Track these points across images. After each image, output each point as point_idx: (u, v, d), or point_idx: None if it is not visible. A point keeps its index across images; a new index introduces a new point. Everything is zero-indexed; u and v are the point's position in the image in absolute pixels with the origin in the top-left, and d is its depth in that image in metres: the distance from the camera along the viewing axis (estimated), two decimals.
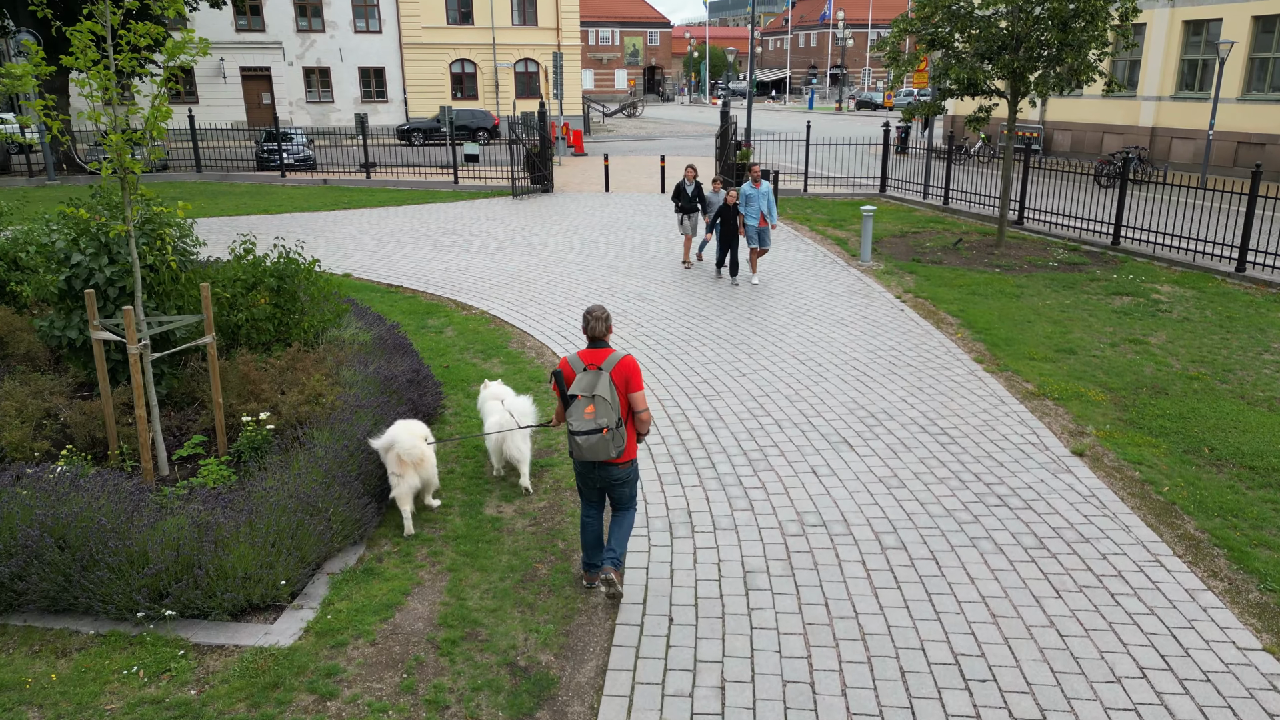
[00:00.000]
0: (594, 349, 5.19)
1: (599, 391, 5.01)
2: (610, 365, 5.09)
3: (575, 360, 5.17)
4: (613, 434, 5.02)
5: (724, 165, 22.65)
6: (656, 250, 15.96)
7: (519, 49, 44.93)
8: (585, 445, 5.02)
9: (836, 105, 75.46)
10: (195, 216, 20.12)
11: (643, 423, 5.23)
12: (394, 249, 16.10)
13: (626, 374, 5.12)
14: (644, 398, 5.22)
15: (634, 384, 5.15)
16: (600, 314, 5.20)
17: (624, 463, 5.22)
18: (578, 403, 5.04)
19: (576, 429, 5.02)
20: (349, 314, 10.08)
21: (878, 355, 10.07)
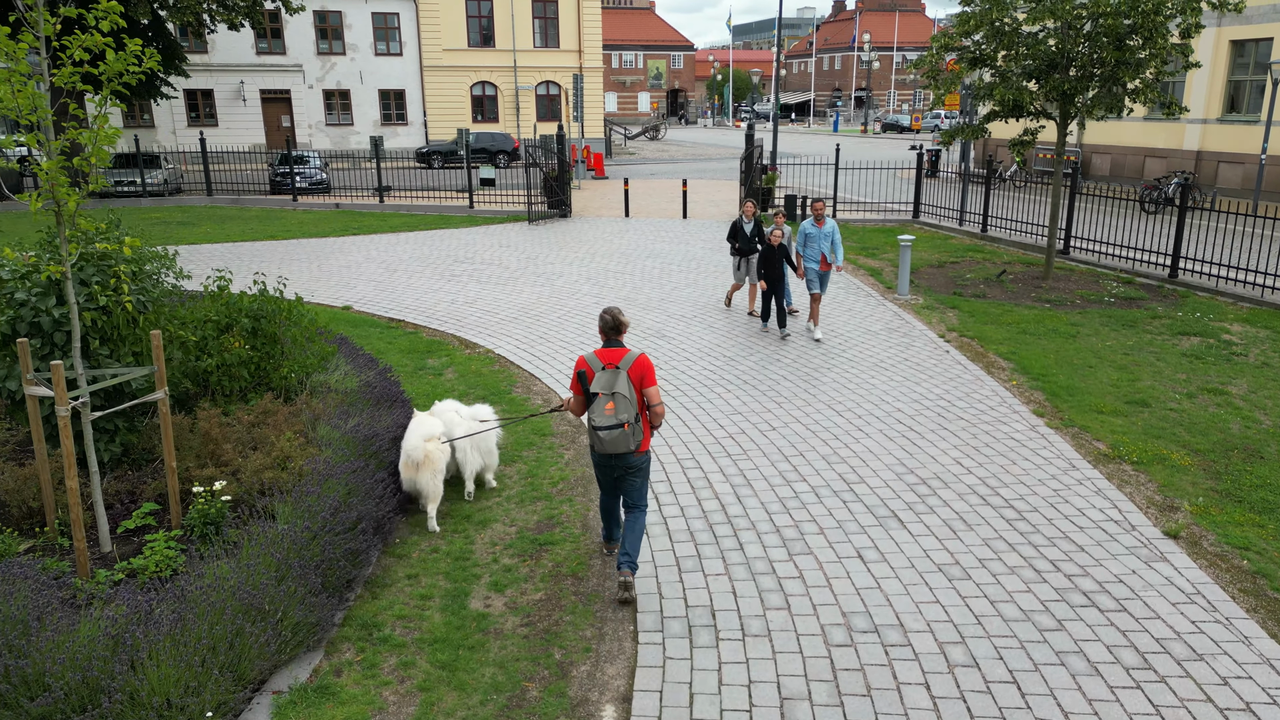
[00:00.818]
0: (610, 348, 5.52)
1: (618, 389, 5.37)
2: (627, 364, 5.43)
3: (594, 360, 5.49)
4: (632, 428, 5.39)
5: (749, 189, 21.69)
6: (677, 281, 14.98)
7: (540, 71, 44.41)
8: (607, 439, 5.39)
9: (862, 128, 74.54)
10: (199, 242, 19.67)
11: (657, 416, 5.54)
12: (400, 278, 15.24)
13: (642, 372, 5.45)
14: (658, 393, 5.54)
15: (649, 380, 5.48)
16: (617, 315, 5.51)
17: (641, 453, 5.57)
18: (599, 400, 5.39)
19: (599, 424, 5.38)
20: (337, 356, 9.16)
21: (924, 405, 8.99)
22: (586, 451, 7.86)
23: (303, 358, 8.30)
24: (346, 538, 5.58)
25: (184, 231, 20.17)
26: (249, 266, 16.22)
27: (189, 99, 40.43)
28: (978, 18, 13.57)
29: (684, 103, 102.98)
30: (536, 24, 43.87)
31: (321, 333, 9.09)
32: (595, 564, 5.98)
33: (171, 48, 28.95)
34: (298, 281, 14.94)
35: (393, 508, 6.38)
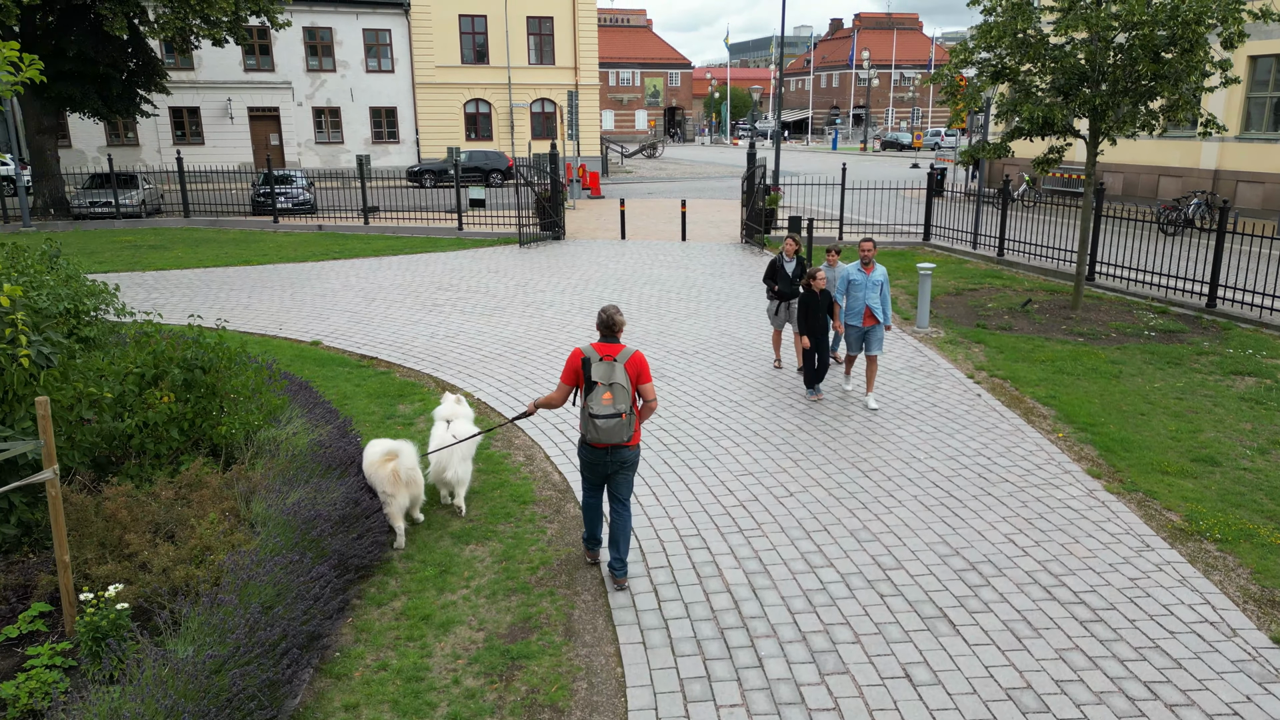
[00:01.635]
0: (608, 343, 5.69)
1: (616, 380, 5.51)
2: (624, 358, 5.61)
3: (591, 351, 5.64)
4: (628, 418, 5.52)
5: (751, 211, 20.65)
6: (676, 311, 13.88)
7: (535, 89, 43.53)
8: (604, 428, 5.51)
9: (861, 146, 73.83)
10: (168, 268, 18.50)
11: (649, 409, 5.71)
12: (378, 309, 14.12)
13: (638, 367, 5.65)
14: (653, 388, 5.73)
15: (645, 376, 5.67)
16: (613, 314, 5.72)
17: (633, 445, 5.71)
18: (597, 389, 5.51)
19: (596, 413, 5.50)
20: (291, 406, 8.03)
21: (961, 463, 7.87)
22: (572, 526, 6.72)
23: (245, 414, 7.16)
24: (266, 663, 4.43)
25: (154, 256, 19.07)
26: (216, 295, 15.11)
27: (174, 116, 39.47)
28: (1000, 28, 12.55)
29: (681, 120, 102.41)
30: (531, 40, 43.03)
31: (276, 378, 7.98)
32: (580, 688, 4.83)
33: (151, 64, 27.98)
34: (267, 312, 13.82)
35: (334, 609, 5.24)
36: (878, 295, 9.23)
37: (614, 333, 5.69)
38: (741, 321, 13.18)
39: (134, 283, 16.22)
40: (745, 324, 13.04)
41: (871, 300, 9.21)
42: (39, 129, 26.43)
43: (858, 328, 9.35)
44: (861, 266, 9.27)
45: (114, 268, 17.66)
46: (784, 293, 10.47)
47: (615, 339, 5.70)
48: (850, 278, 9.31)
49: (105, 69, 25.94)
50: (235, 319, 13.37)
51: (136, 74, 28.00)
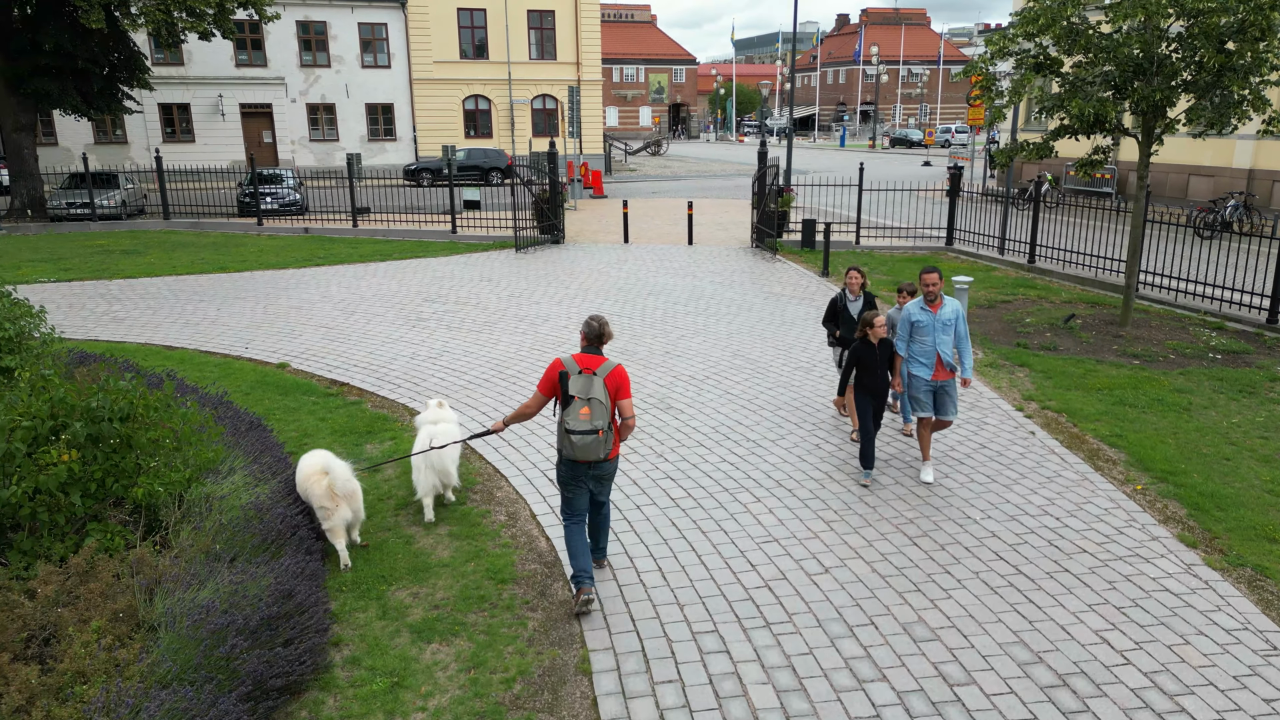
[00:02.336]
0: (589, 354, 5.42)
1: (594, 395, 5.28)
2: (604, 372, 5.35)
3: (571, 363, 5.36)
4: (605, 435, 5.31)
5: (762, 214, 19.39)
6: (684, 327, 12.63)
7: (536, 84, 42.26)
8: (580, 444, 5.27)
9: (870, 142, 72.44)
10: (137, 275, 17.08)
11: (628, 428, 5.51)
12: (356, 324, 12.89)
13: (618, 383, 5.40)
14: (632, 405, 5.51)
15: (624, 392, 5.42)
16: (604, 324, 5.46)
17: (612, 459, 5.50)
18: (574, 404, 5.28)
19: (573, 428, 5.26)
20: (231, 454, 6.81)
21: (1025, 524, 6.62)
22: (559, 617, 5.48)
23: (168, 472, 5.93)
24: None
25: (125, 262, 17.85)
26: (183, 308, 13.89)
27: (164, 114, 38.30)
28: (1048, 15, 11.26)
29: (686, 117, 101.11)
30: (532, 35, 41.76)
31: (211, 426, 6.75)
32: None
33: (133, 58, 26.76)
34: (235, 328, 12.60)
35: None
36: (950, 338, 7.25)
37: (600, 345, 5.48)
38: (756, 340, 11.94)
39: (97, 293, 15.01)
40: (760, 343, 11.79)
41: (943, 345, 7.23)
42: (16, 126, 25.22)
43: (926, 381, 7.29)
44: (925, 303, 7.28)
45: (79, 275, 16.46)
46: (846, 338, 8.50)
47: (599, 352, 5.48)
48: (912, 318, 7.30)
49: (84, 64, 24.75)
50: (199, 336, 12.16)
51: (118, 69, 26.81)
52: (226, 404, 8.45)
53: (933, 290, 7.23)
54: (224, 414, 8.01)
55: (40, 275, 16.36)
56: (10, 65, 24.24)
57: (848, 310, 8.58)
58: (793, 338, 12.06)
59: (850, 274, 8.67)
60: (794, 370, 10.55)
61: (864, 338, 7.24)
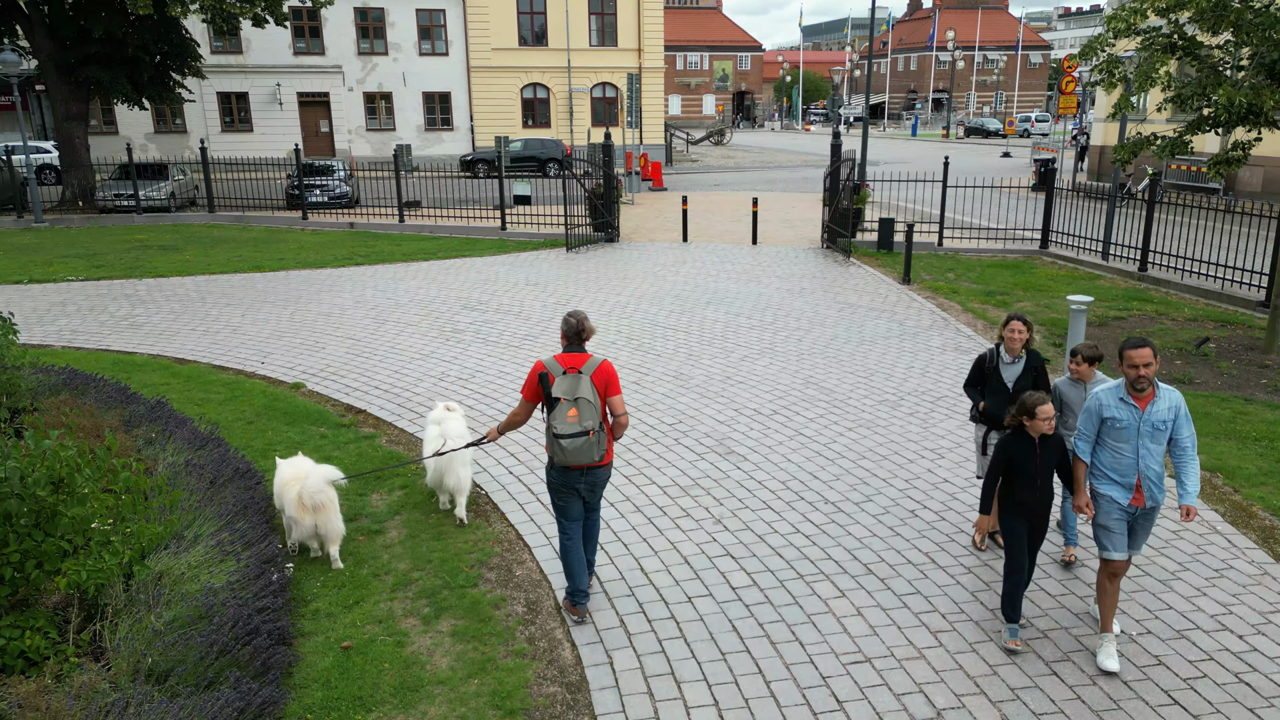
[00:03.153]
0: (572, 353, 5.14)
1: (581, 394, 4.99)
2: (590, 369, 5.07)
3: (554, 364, 5.08)
4: (597, 436, 5.03)
5: (835, 212, 17.74)
6: (748, 344, 11.16)
7: (596, 72, 40.93)
8: (571, 448, 4.98)
9: (943, 132, 69.45)
10: (168, 274, 15.60)
11: (620, 426, 5.20)
12: (385, 335, 11.73)
13: (606, 378, 5.11)
14: (623, 401, 5.20)
15: (613, 389, 5.14)
16: (583, 320, 5.16)
17: (607, 464, 5.23)
18: (560, 406, 4.99)
19: (561, 432, 4.98)
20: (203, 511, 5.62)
21: (1200, 645, 5.04)
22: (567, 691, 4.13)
23: (101, 555, 4.74)
24: None
25: (159, 259, 17.06)
26: (207, 312, 12.91)
27: (223, 102, 38.05)
28: None
29: (750, 105, 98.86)
30: (593, 20, 40.42)
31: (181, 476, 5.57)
32: None
33: (184, 46, 26.19)
34: (255, 338, 11.55)
35: None
36: (1162, 447, 4.81)
37: (581, 342, 5.16)
38: (831, 363, 10.41)
39: (123, 293, 14.16)
40: (836, 367, 10.26)
41: (1151, 457, 4.79)
42: (67, 115, 24.86)
43: (1121, 506, 4.86)
44: (1128, 392, 4.78)
45: (110, 273, 15.68)
46: (993, 414, 5.94)
47: (582, 348, 5.17)
48: (1106, 412, 4.83)
49: (134, 51, 24.22)
50: (215, 347, 11.12)
51: (169, 57, 26.29)
52: (216, 441, 7.31)
53: (1145, 376, 4.69)
54: (210, 456, 6.86)
55: (69, 273, 15.63)
56: (61, 53, 23.82)
57: (1000, 376, 5.99)
58: (874, 361, 10.50)
59: (1011, 326, 5.91)
60: (878, 405, 9.01)
61: (1019, 428, 4.96)
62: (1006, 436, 5.06)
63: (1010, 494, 5.01)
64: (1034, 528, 5.01)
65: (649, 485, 7.15)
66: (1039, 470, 4.93)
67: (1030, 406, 4.85)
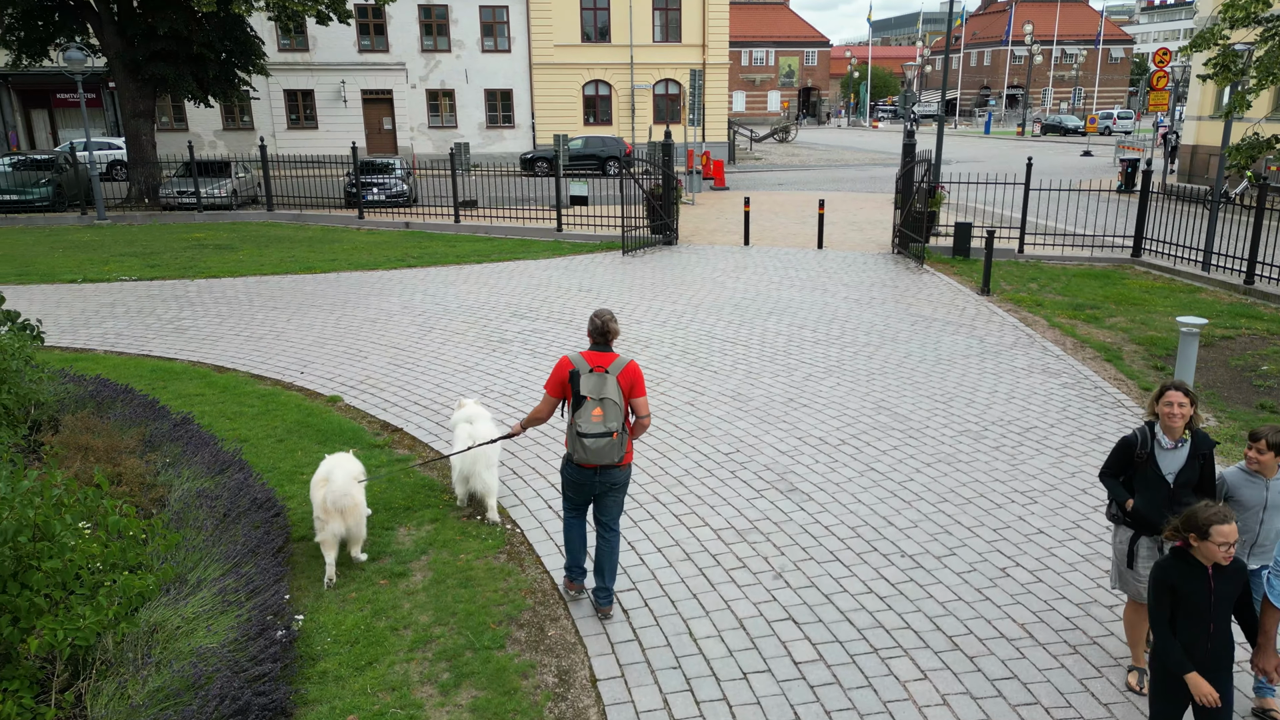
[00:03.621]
0: (599, 351, 5.08)
1: (607, 394, 4.95)
2: (617, 369, 5.00)
3: (580, 361, 5.04)
4: (620, 437, 4.99)
5: (907, 215, 16.74)
6: (812, 360, 10.35)
7: (659, 69, 40.23)
8: (593, 448, 4.96)
9: (1018, 129, 66.98)
10: (219, 275, 15.19)
11: (642, 427, 5.18)
12: (430, 344, 11.22)
13: (632, 380, 5.05)
14: (647, 403, 5.15)
15: (638, 390, 5.10)
16: (608, 321, 5.07)
17: (625, 465, 5.18)
18: (586, 405, 4.96)
19: (585, 431, 4.96)
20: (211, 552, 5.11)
21: None
22: None
23: (81, 610, 4.22)
24: None
25: (214, 259, 16.91)
26: (253, 316, 12.60)
27: (289, 99, 38.36)
28: None
29: (816, 102, 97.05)
30: (657, 16, 39.72)
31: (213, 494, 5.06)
32: None
33: (249, 44, 26.27)
34: (298, 345, 11.16)
35: None
36: None
37: (607, 341, 5.11)
38: (904, 384, 9.55)
39: (173, 294, 13.96)
40: (910, 389, 9.40)
41: None
42: (134, 112, 25.11)
43: None
44: None
45: (164, 272, 15.55)
46: (1146, 514, 4.55)
47: (608, 347, 5.12)
48: None
49: (199, 49, 24.33)
50: (257, 354, 10.75)
51: (234, 55, 26.41)
52: (239, 465, 6.85)
53: None
54: (228, 483, 6.37)
55: (124, 272, 15.54)
56: (129, 50, 24.05)
57: (1155, 465, 4.53)
58: (952, 384, 9.59)
59: (1168, 398, 4.48)
60: (958, 436, 8.14)
61: (1182, 551, 3.71)
62: (1165, 561, 3.77)
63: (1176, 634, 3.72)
64: (1213, 682, 3.65)
65: (701, 527, 6.44)
66: (1213, 606, 3.65)
67: (1203, 524, 3.58)
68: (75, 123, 37.86)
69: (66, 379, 8.47)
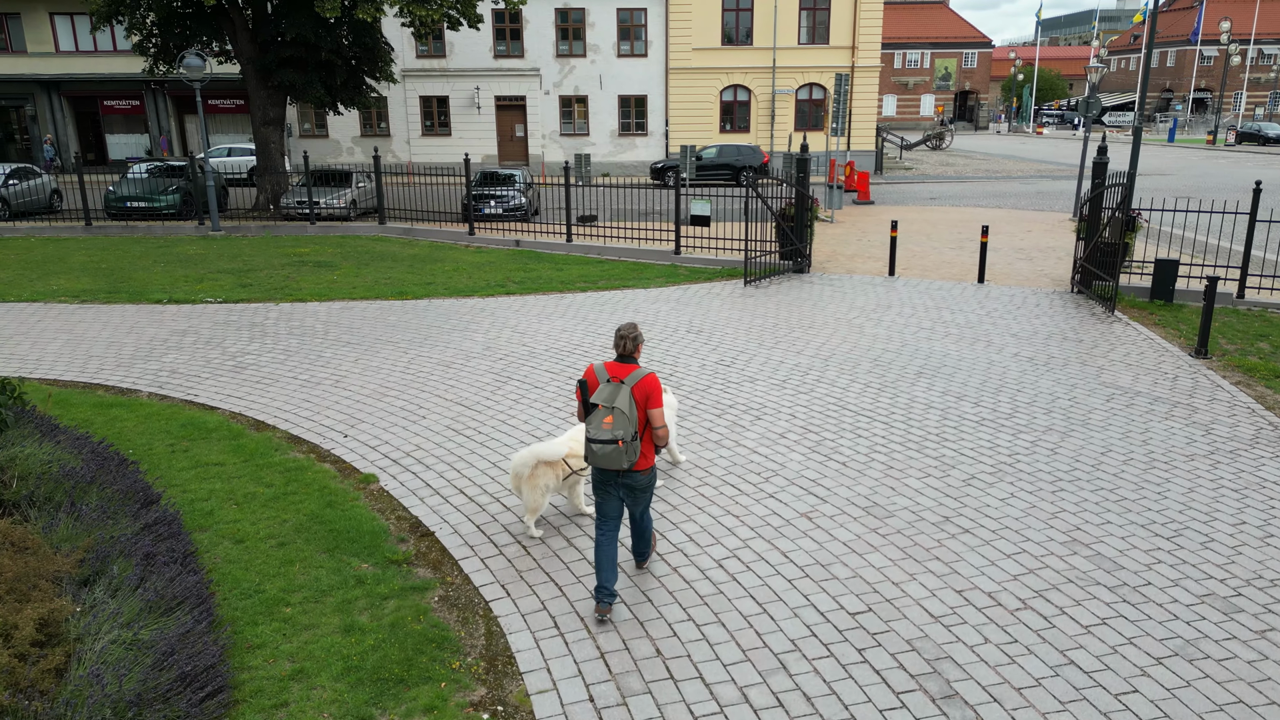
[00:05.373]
0: (621, 363, 5.29)
1: (618, 404, 5.12)
2: (633, 381, 5.18)
3: (600, 370, 5.28)
4: (627, 446, 5.13)
5: (1093, 248, 13.80)
6: (975, 451, 7.93)
7: (803, 72, 37.68)
8: (600, 454, 5.18)
9: (1208, 137, 60.02)
10: (305, 299, 13.80)
11: (660, 438, 5.32)
12: (501, 402, 9.48)
13: (648, 391, 5.22)
14: (663, 415, 5.30)
15: (654, 401, 5.24)
16: (630, 333, 5.27)
17: (642, 470, 5.35)
18: (597, 412, 5.18)
19: (594, 437, 5.18)
20: None
21: None
22: None
23: None
24: None
25: (309, 279, 15.92)
26: (320, 352, 11.25)
27: (424, 106, 38.15)
28: None
29: (974, 106, 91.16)
30: (804, 16, 37.19)
31: None
32: None
33: (375, 50, 25.70)
34: (354, 395, 9.66)
35: None
36: None
37: (631, 354, 5.27)
38: (1106, 501, 7.01)
39: (251, 322, 12.89)
40: (1115, 511, 6.86)
41: None
42: (265, 120, 24.96)
43: None
44: None
45: (252, 294, 14.59)
46: None
47: (632, 359, 5.28)
48: None
49: (328, 55, 23.87)
50: (307, 406, 9.31)
51: (363, 61, 25.93)
52: (199, 598, 5.23)
53: None
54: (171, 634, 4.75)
55: (216, 291, 14.71)
56: (260, 57, 23.84)
57: None
58: (1175, 504, 6.97)
59: None
60: (1196, 603, 5.60)
61: None
62: None
63: None
64: None
65: None
66: None
67: None
68: (227, 128, 39.03)
69: (68, 442, 7.20)
